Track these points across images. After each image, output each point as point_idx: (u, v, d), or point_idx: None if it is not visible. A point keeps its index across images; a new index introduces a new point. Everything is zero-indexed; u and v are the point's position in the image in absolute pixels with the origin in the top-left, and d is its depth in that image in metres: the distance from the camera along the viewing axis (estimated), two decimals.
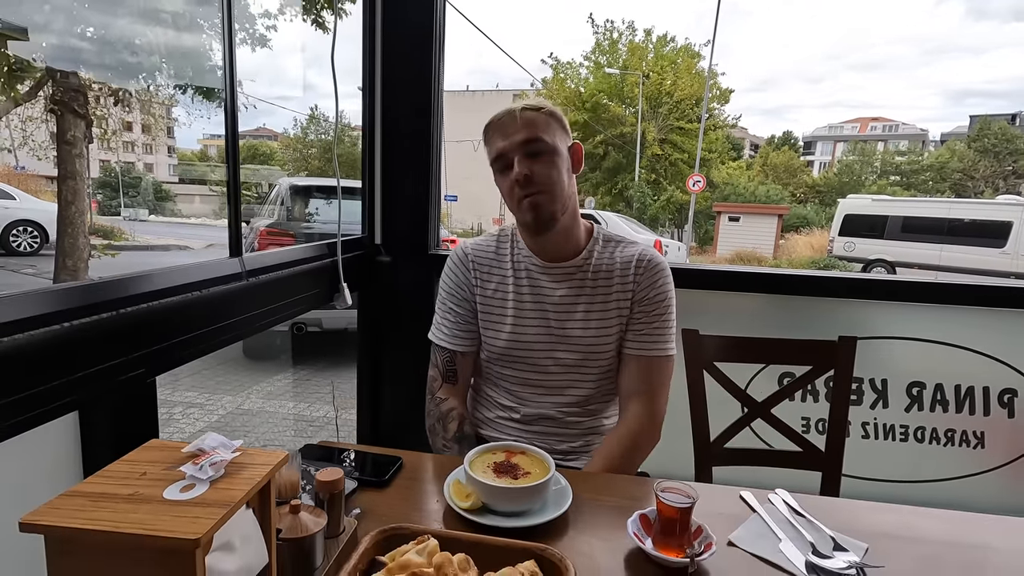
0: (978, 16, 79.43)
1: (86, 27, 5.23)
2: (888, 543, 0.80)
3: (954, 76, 79.52)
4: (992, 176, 24.92)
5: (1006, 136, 25.11)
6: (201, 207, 20.61)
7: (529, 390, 1.18)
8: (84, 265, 5.75)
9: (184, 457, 0.54)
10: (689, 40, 22.13)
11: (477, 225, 24.52)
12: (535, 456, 0.89)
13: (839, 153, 36.37)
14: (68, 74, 5.49)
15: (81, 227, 5.85)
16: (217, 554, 0.50)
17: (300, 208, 5.22)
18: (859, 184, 25.80)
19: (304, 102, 23.03)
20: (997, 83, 76.10)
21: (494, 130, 1.11)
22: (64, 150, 5.69)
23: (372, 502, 0.83)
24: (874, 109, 71.12)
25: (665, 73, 19.02)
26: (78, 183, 5.83)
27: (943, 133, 38.18)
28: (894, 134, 38.83)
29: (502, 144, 1.09)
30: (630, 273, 1.15)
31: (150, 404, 0.86)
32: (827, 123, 43.18)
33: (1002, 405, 1.72)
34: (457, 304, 1.21)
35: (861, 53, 76.47)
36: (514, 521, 0.78)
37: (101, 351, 0.78)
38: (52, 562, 0.45)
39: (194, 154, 29.83)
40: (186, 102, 6.34)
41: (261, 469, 0.54)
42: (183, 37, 5.52)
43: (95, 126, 5.99)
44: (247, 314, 1.11)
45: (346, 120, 14.02)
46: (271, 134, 27.08)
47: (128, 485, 0.50)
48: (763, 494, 0.92)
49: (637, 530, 0.77)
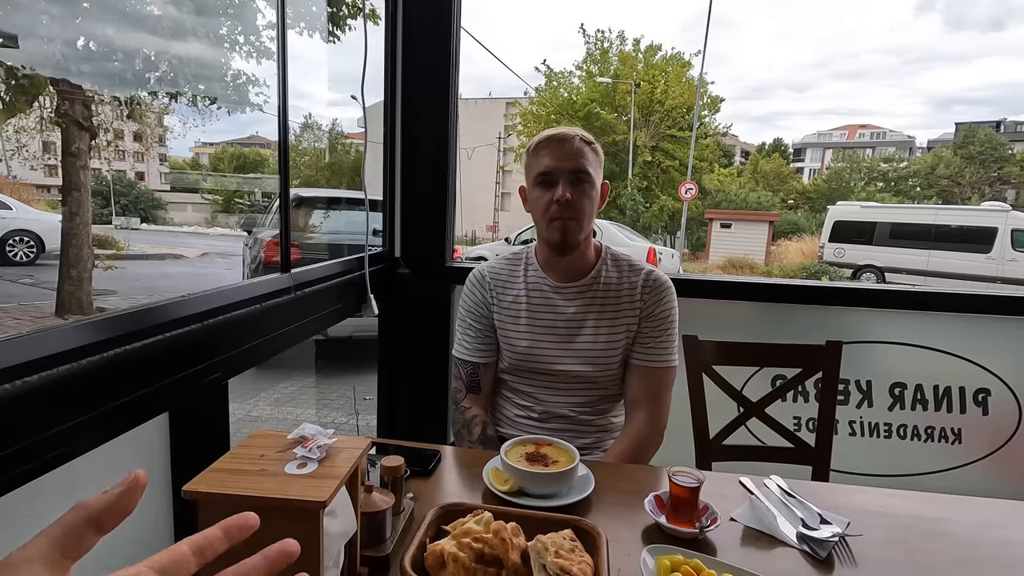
0: (956, 26, 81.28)
1: (87, 38, 5.28)
2: (865, 517, 0.94)
3: (939, 84, 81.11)
4: (978, 182, 25.39)
5: (992, 143, 25.59)
6: (193, 215, 20.59)
7: (545, 392, 1.31)
8: (88, 275, 5.82)
9: (290, 442, 0.67)
10: (676, 49, 22.44)
11: (471, 232, 24.62)
12: (561, 447, 1.01)
13: (828, 160, 36.86)
14: (74, 87, 5.57)
15: (85, 238, 5.92)
16: (326, 519, 0.62)
17: (304, 218, 5.33)
18: (848, 191, 26.20)
19: (297, 110, 23.10)
20: (981, 91, 77.75)
21: (547, 147, 1.21)
22: (69, 162, 5.76)
23: (420, 488, 0.95)
24: (863, 116, 72.25)
25: (656, 82, 19.29)
26: (82, 194, 5.90)
27: (930, 140, 38.82)
28: (882, 141, 39.44)
29: (552, 164, 1.20)
30: (637, 292, 1.28)
31: (223, 402, 0.99)
32: (816, 130, 43.79)
33: (977, 404, 1.87)
34: (476, 320, 1.33)
35: (846, 62, 77.89)
36: (546, 502, 0.91)
37: (187, 359, 0.91)
38: (204, 522, 0.57)
39: (185, 162, 29.80)
40: (181, 110, 6.34)
41: (354, 452, 0.66)
42: (184, 46, 5.58)
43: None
44: (296, 324, 1.23)
45: (339, 128, 13.67)
46: (263, 142, 27.09)
47: (255, 463, 0.62)
48: (759, 479, 1.05)
49: (652, 508, 0.90)
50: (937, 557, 0.85)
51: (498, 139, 26.24)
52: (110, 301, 6.51)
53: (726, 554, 0.83)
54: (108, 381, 0.79)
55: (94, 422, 0.77)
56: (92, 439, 0.77)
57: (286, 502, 0.56)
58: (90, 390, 0.77)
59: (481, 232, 25.07)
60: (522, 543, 0.71)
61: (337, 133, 20.10)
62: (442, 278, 1.92)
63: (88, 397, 0.77)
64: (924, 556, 0.85)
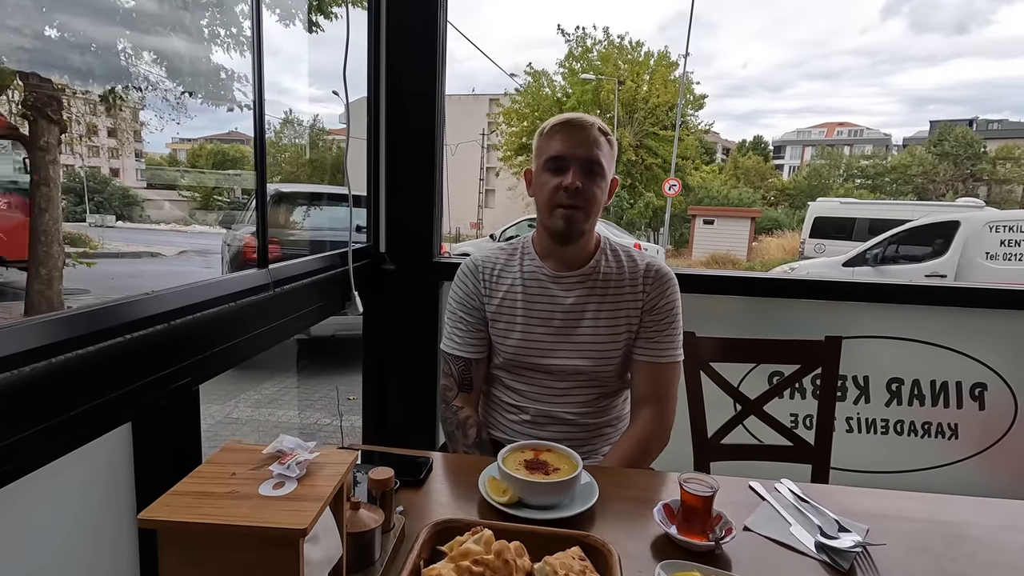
0: (921, 29, 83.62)
1: (55, 29, 5.09)
2: (882, 523, 0.89)
3: (913, 84, 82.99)
4: (951, 179, 25.93)
5: (966, 140, 26.14)
6: (171, 213, 20.15)
7: (539, 391, 1.24)
8: (59, 274, 5.63)
9: (266, 458, 0.59)
10: (650, 48, 22.53)
11: (455, 230, 24.47)
12: (561, 453, 0.95)
13: (808, 157, 37.37)
14: (43, 79, 5.38)
15: (55, 235, 5.72)
16: (307, 546, 0.55)
17: (285, 215, 5.19)
18: (827, 187, 26.57)
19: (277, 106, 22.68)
20: (954, 90, 79.71)
21: (561, 131, 1.14)
22: (38, 156, 5.56)
23: (411, 500, 0.88)
24: (841, 115, 73.61)
25: (640, 80, 19.34)
26: (52, 190, 5.70)
27: (905, 138, 39.53)
28: (859, 139, 40.08)
29: (565, 149, 1.13)
30: (639, 283, 1.22)
31: (194, 411, 0.90)
32: (796, 128, 44.35)
33: (973, 398, 1.85)
34: (467, 313, 1.25)
35: (819, 62, 79.46)
36: (547, 514, 0.84)
37: (152, 363, 0.82)
38: (165, 553, 0.49)
39: (163, 158, 29.13)
40: (156, 104, 6.16)
41: (338, 468, 0.59)
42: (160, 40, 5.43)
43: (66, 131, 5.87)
44: (275, 323, 1.15)
45: (320, 124, 13.51)
46: (242, 138, 26.59)
47: (224, 483, 0.55)
48: (769, 484, 0.99)
49: (662, 518, 0.84)
50: (963, 564, 0.81)
51: (481, 136, 26.11)
52: (82, 301, 6.30)
53: (742, 567, 0.77)
54: (61, 388, 0.70)
55: (45, 435, 0.68)
56: (42, 454, 0.69)
57: (260, 530, 0.49)
58: (40, 399, 0.68)
59: (465, 229, 24.93)
60: (527, 564, 0.64)
61: (319, 129, 19.82)
62: (430, 273, 1.84)
63: (38, 407, 0.68)
64: (951, 564, 0.81)
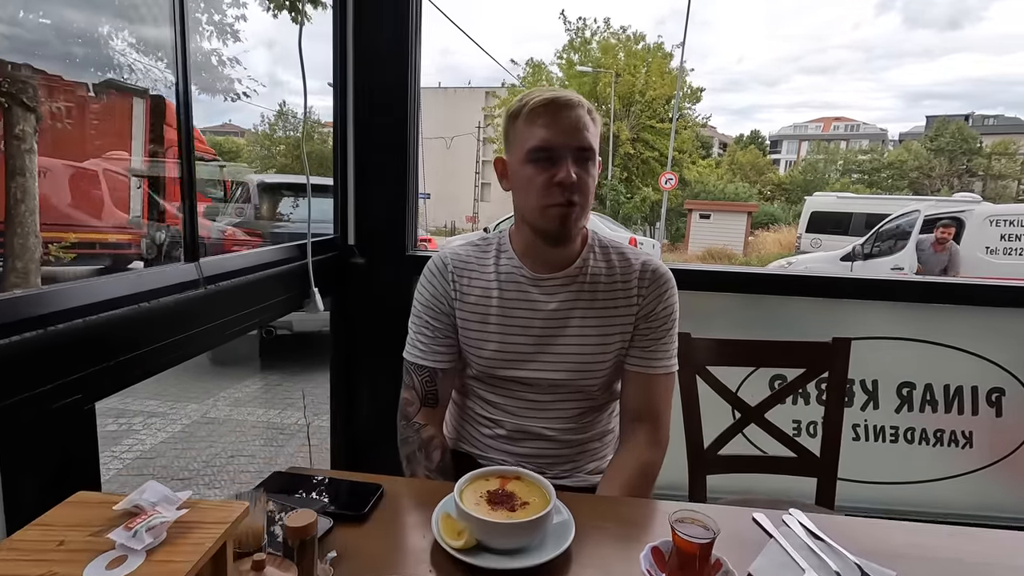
0: (914, 24, 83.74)
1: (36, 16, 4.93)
2: (906, 565, 0.74)
3: (909, 79, 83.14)
4: (947, 175, 25.89)
5: (962, 135, 26.07)
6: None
7: (516, 405, 1.09)
8: (36, 267, 5.48)
9: (116, 516, 0.44)
10: (649, 40, 22.39)
11: (450, 223, 24.30)
12: (531, 481, 0.80)
13: (804, 152, 37.26)
14: (19, 66, 5.21)
15: (32, 227, 5.57)
16: None
17: (270, 207, 5.02)
18: (823, 182, 26.50)
19: (272, 98, 22.34)
20: (950, 85, 79.88)
21: (546, 115, 0.96)
22: (13, 145, 5.39)
23: (350, 541, 0.73)
24: (837, 109, 73.53)
25: (637, 72, 19.16)
26: (27, 180, 5.53)
27: (901, 133, 39.51)
28: (856, 134, 40.02)
29: (556, 139, 0.95)
30: (634, 286, 1.06)
31: (88, 434, 0.75)
32: (793, 123, 44.24)
33: (990, 404, 1.72)
34: (434, 318, 1.08)
35: (815, 57, 79.53)
36: (512, 561, 0.69)
37: (26, 376, 0.66)
38: None
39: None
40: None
41: (213, 530, 0.44)
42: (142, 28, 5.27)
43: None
44: (206, 325, 0.99)
45: (316, 116, 13.38)
46: (237, 130, 26.28)
47: (41, 561, 0.40)
48: (776, 516, 0.85)
49: (650, 565, 0.69)
50: None
51: (477, 128, 25.90)
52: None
53: None
54: None
55: None
56: None
57: None
58: None
59: (461, 223, 24.75)
60: None
61: (313, 121, 19.65)
62: (404, 267, 1.69)
63: None
64: None
